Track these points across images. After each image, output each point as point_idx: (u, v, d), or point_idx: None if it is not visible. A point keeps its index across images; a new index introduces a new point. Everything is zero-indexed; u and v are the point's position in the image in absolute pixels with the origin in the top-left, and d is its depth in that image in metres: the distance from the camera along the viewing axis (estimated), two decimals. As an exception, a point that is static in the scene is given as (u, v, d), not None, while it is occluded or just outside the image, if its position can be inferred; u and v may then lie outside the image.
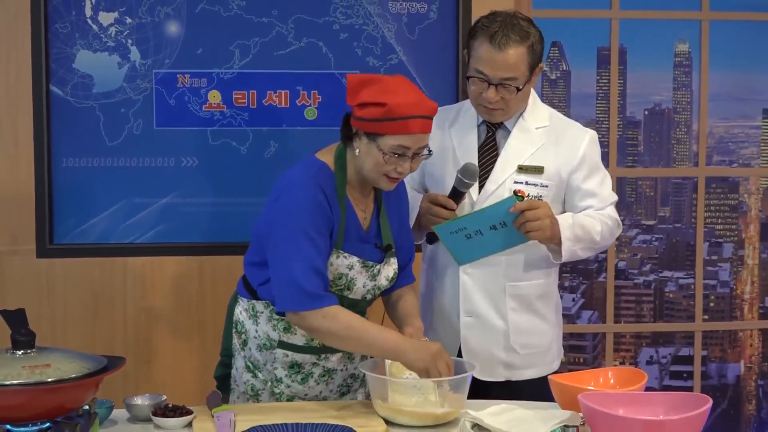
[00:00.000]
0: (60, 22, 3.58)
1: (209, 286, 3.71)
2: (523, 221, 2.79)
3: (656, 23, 4.46)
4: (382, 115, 2.54)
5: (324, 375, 2.77)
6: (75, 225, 3.65)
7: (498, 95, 2.84)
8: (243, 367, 2.80)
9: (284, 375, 2.75)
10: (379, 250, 2.76)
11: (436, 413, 2.52)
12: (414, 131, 2.56)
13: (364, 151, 2.62)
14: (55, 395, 2.26)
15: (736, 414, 5.58)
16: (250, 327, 2.77)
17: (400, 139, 2.57)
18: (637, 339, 5.55)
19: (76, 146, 3.62)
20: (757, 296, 5.52)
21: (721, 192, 5.51)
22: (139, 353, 3.69)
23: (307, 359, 2.74)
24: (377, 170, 2.62)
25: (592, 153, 2.99)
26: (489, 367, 2.98)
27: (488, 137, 2.99)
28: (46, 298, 3.65)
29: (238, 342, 2.81)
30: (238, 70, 3.66)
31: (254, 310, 2.76)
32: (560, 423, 2.41)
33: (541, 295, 3.02)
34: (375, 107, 2.55)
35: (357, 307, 2.74)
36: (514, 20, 2.85)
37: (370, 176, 2.66)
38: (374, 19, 3.70)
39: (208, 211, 3.70)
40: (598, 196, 2.97)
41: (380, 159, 2.59)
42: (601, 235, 2.94)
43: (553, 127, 2.99)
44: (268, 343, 2.74)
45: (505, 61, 2.81)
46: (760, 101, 5.17)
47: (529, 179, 2.92)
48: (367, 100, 2.57)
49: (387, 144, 2.57)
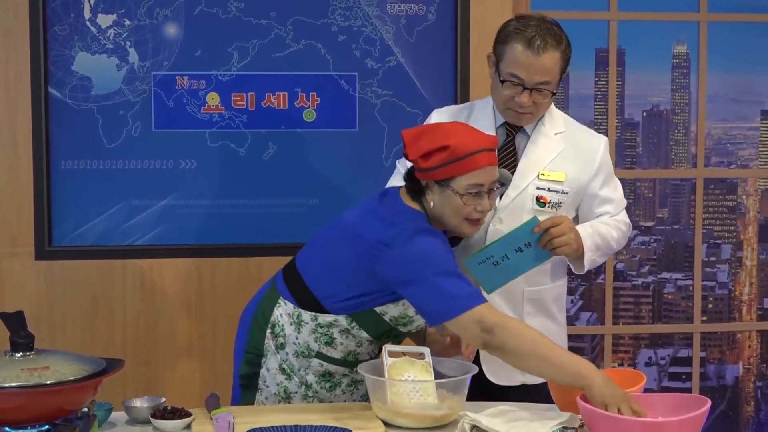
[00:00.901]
0: (59, 24, 3.58)
1: (208, 287, 3.71)
2: (549, 239, 2.78)
3: (654, 24, 4.46)
4: (447, 158, 2.53)
5: (351, 385, 2.79)
6: (74, 227, 3.65)
7: (531, 100, 2.82)
8: (277, 369, 2.77)
9: (314, 381, 2.75)
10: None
11: (435, 415, 2.52)
12: (482, 165, 2.56)
13: (440, 201, 2.60)
14: (53, 397, 2.26)
15: (734, 415, 5.58)
16: (291, 333, 2.74)
17: (472, 177, 2.56)
18: (635, 340, 5.56)
19: (74, 148, 3.63)
20: (756, 297, 5.52)
21: (719, 193, 5.51)
22: (138, 355, 3.69)
23: (339, 370, 2.75)
24: (458, 215, 2.60)
25: (607, 160, 2.99)
26: (506, 371, 2.96)
27: (507, 141, 2.96)
28: (45, 300, 3.65)
29: (273, 343, 2.77)
30: (236, 72, 3.66)
31: (299, 318, 2.72)
32: (559, 425, 2.41)
33: (556, 298, 3.02)
34: (439, 152, 2.54)
35: (399, 336, 2.76)
36: (548, 24, 2.83)
37: (452, 224, 2.63)
38: (373, 21, 3.71)
39: (206, 213, 3.70)
40: (613, 203, 2.98)
41: (459, 202, 2.57)
42: (617, 242, 2.96)
43: (570, 133, 2.97)
44: (307, 352, 2.73)
45: (543, 66, 2.78)
46: (759, 102, 5.18)
47: (550, 186, 2.90)
48: (429, 148, 2.56)
49: (461, 185, 2.56)
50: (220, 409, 2.55)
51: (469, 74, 3.71)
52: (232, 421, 2.46)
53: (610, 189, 2.99)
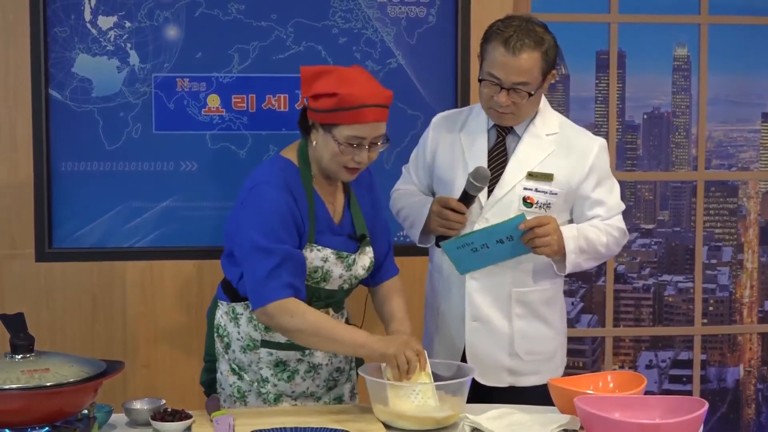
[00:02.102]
0: (59, 26, 3.58)
1: (208, 289, 3.71)
2: (531, 237, 2.80)
3: (655, 27, 4.46)
4: (334, 105, 2.56)
5: (310, 371, 2.78)
6: (74, 229, 3.65)
7: (509, 99, 2.83)
8: (228, 370, 2.81)
9: (270, 374, 2.75)
10: (354, 241, 2.77)
11: (436, 417, 2.52)
12: (367, 120, 2.58)
13: (321, 143, 2.65)
14: (54, 399, 2.26)
15: (735, 418, 5.58)
16: (232, 330, 2.78)
17: (354, 129, 2.58)
18: (636, 343, 5.55)
19: (75, 150, 3.63)
20: (757, 300, 5.52)
21: (720, 196, 5.50)
22: (138, 357, 3.69)
23: (291, 356, 2.76)
24: (335, 161, 2.64)
25: (602, 162, 2.97)
26: (493, 372, 2.97)
27: (498, 142, 2.97)
28: (45, 302, 3.64)
29: (220, 346, 2.82)
30: (237, 74, 3.66)
31: (234, 312, 2.78)
32: (559, 427, 2.41)
33: (547, 301, 3.01)
34: (328, 98, 2.57)
35: (334, 297, 2.77)
36: (530, 25, 2.84)
37: (329, 168, 2.68)
38: (373, 23, 3.71)
39: (207, 215, 3.70)
40: (605, 206, 2.97)
41: (336, 149, 2.61)
42: (606, 247, 2.95)
43: (563, 135, 2.97)
44: (252, 344, 2.75)
45: (519, 66, 2.80)
46: (759, 105, 5.17)
47: (538, 186, 2.91)
48: (320, 91, 2.59)
49: (341, 134, 2.59)
50: (220, 412, 2.55)
51: (470, 76, 3.71)
52: (233, 424, 2.46)
53: (603, 191, 2.97)
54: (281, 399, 2.77)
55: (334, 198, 2.77)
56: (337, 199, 2.78)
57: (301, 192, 2.67)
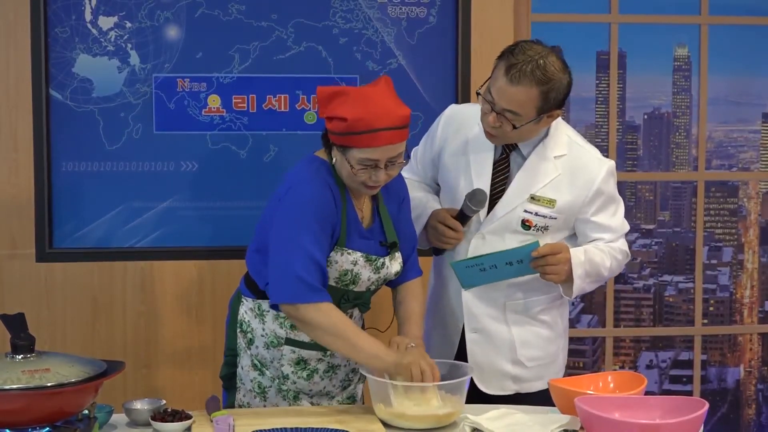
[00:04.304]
0: (60, 27, 3.58)
1: (209, 290, 3.71)
2: (543, 264, 2.80)
3: (656, 27, 4.45)
4: (345, 129, 2.55)
5: (328, 371, 2.80)
6: (74, 229, 3.65)
7: (498, 122, 2.77)
8: (249, 366, 2.81)
9: (291, 372, 2.77)
10: (384, 248, 2.77)
11: (437, 414, 2.52)
12: (379, 144, 2.56)
13: (339, 162, 2.65)
14: (54, 400, 2.26)
15: (735, 418, 5.57)
16: (257, 326, 2.79)
17: (366, 153, 2.57)
18: (636, 343, 5.54)
19: (75, 150, 3.63)
20: (757, 300, 5.51)
21: (720, 196, 5.50)
22: (138, 358, 3.69)
23: (313, 355, 2.77)
24: (353, 180, 2.65)
25: (608, 186, 2.92)
26: (497, 381, 2.96)
27: (502, 157, 2.93)
28: (45, 303, 3.65)
29: (243, 341, 2.82)
30: (237, 75, 3.66)
31: (260, 309, 2.78)
32: (559, 427, 2.41)
33: (546, 307, 3.00)
34: (339, 121, 2.56)
35: (361, 298, 2.77)
36: (544, 60, 2.72)
37: (349, 185, 2.69)
38: (374, 23, 3.71)
39: (207, 215, 3.70)
40: (610, 230, 2.94)
41: (350, 171, 2.61)
42: (609, 270, 2.94)
43: (571, 156, 2.91)
44: (276, 341, 2.76)
45: (512, 96, 2.72)
46: (760, 105, 5.17)
47: (539, 210, 2.87)
48: (332, 114, 2.58)
49: (354, 157, 2.59)
50: (220, 412, 2.55)
51: (470, 77, 3.71)
52: (233, 424, 2.46)
53: (606, 215, 2.94)
54: (300, 396, 2.79)
55: (361, 204, 2.77)
56: (365, 204, 2.78)
57: (337, 191, 2.68)
